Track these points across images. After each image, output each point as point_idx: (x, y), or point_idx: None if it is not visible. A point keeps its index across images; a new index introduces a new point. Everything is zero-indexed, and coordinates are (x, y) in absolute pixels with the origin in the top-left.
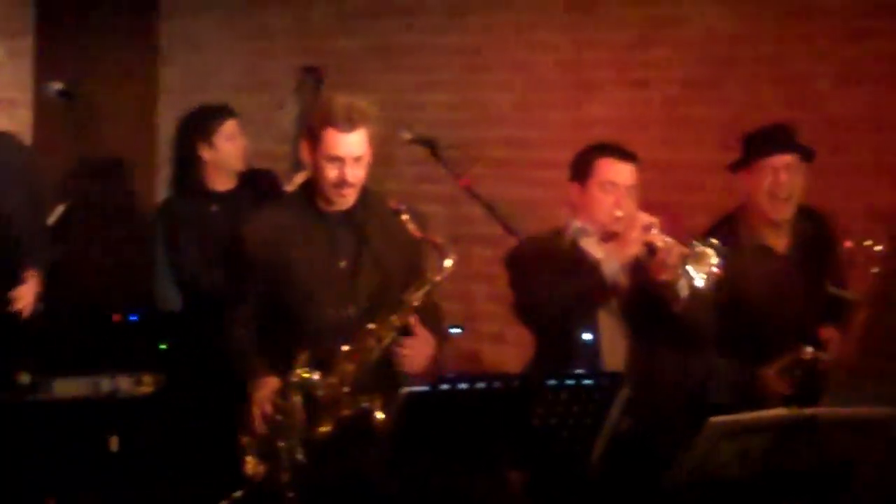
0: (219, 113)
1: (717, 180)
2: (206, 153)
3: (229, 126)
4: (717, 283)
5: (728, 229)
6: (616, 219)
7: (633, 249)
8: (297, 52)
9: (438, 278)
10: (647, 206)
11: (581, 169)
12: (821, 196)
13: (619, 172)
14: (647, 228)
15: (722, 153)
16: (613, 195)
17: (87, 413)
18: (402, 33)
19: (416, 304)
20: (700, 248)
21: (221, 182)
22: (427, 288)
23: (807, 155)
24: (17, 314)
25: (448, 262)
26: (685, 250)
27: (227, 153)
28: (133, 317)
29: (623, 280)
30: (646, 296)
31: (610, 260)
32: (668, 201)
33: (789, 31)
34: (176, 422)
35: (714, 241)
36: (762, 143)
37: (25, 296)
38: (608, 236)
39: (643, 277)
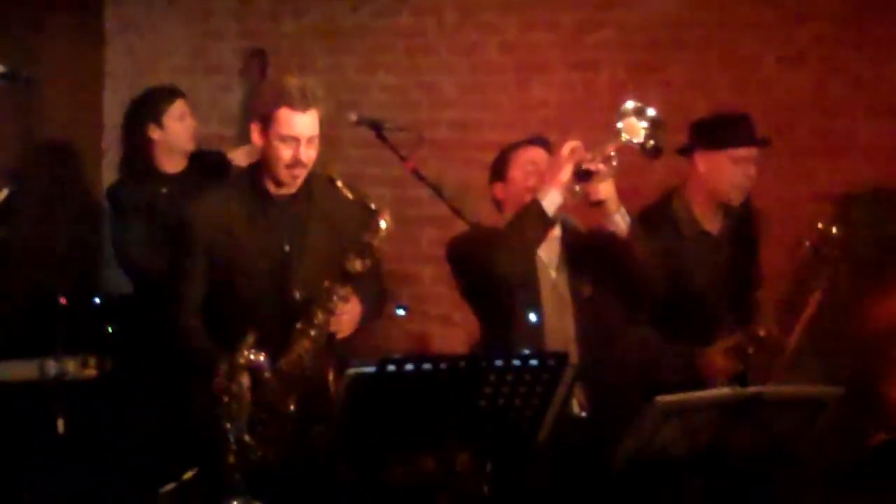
0: (167, 94)
1: (664, 162)
2: (155, 134)
3: (178, 107)
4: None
5: (664, 209)
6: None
7: (566, 173)
8: (242, 35)
9: (375, 241)
10: None
11: (499, 166)
12: (766, 178)
13: (535, 154)
14: (573, 151)
15: (668, 135)
16: (535, 175)
17: (33, 396)
18: (348, 15)
19: (359, 269)
20: (623, 123)
21: (171, 164)
22: (366, 252)
23: (765, 145)
24: None
25: (383, 223)
26: (611, 142)
27: (176, 134)
28: (95, 299)
29: (557, 252)
30: (583, 256)
31: (547, 191)
32: (615, 183)
33: (735, 15)
34: (123, 404)
35: (627, 105)
36: (726, 133)
37: None
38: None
39: (577, 238)
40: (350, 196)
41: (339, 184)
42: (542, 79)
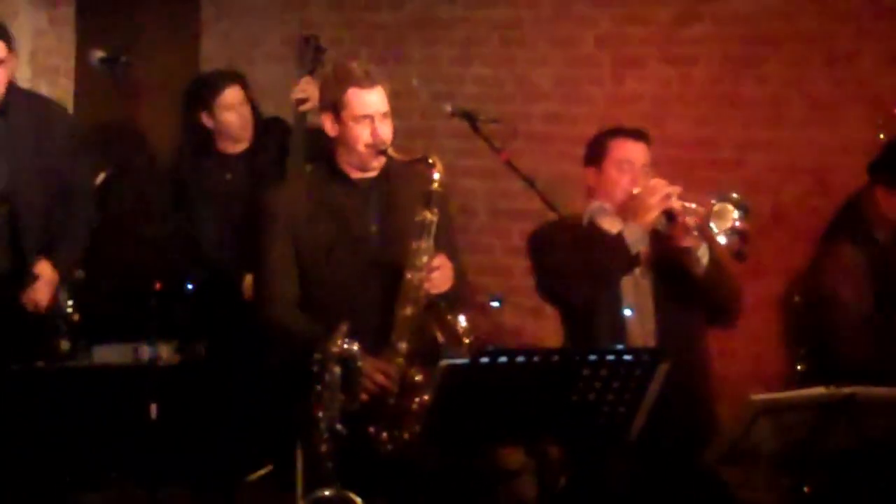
0: (219, 81)
1: (759, 158)
2: (208, 122)
3: (229, 95)
4: (743, 238)
5: (854, 216)
6: (633, 196)
7: (653, 216)
8: (338, 24)
9: (436, 186)
10: (684, 183)
11: (595, 152)
12: (863, 177)
13: (633, 151)
14: (666, 196)
15: (764, 131)
16: (629, 174)
17: (126, 380)
18: (444, 6)
19: (431, 218)
20: (720, 205)
21: (232, 146)
22: (430, 201)
23: None
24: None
25: (437, 175)
26: (703, 210)
27: (227, 123)
28: (189, 285)
29: (645, 249)
30: (668, 265)
31: (632, 228)
32: (709, 178)
33: (833, 10)
34: (215, 391)
35: (734, 195)
36: None
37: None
38: (626, 214)
39: (664, 246)
40: (403, 158)
41: (390, 150)
42: (637, 73)
